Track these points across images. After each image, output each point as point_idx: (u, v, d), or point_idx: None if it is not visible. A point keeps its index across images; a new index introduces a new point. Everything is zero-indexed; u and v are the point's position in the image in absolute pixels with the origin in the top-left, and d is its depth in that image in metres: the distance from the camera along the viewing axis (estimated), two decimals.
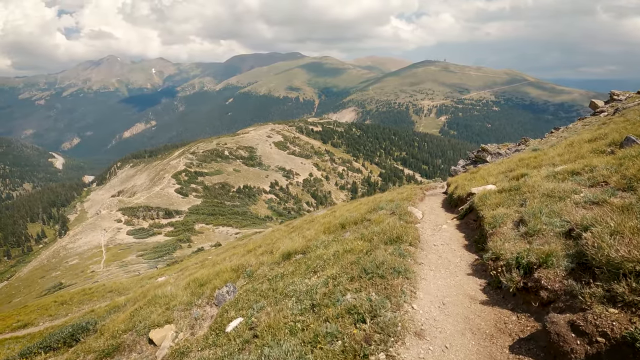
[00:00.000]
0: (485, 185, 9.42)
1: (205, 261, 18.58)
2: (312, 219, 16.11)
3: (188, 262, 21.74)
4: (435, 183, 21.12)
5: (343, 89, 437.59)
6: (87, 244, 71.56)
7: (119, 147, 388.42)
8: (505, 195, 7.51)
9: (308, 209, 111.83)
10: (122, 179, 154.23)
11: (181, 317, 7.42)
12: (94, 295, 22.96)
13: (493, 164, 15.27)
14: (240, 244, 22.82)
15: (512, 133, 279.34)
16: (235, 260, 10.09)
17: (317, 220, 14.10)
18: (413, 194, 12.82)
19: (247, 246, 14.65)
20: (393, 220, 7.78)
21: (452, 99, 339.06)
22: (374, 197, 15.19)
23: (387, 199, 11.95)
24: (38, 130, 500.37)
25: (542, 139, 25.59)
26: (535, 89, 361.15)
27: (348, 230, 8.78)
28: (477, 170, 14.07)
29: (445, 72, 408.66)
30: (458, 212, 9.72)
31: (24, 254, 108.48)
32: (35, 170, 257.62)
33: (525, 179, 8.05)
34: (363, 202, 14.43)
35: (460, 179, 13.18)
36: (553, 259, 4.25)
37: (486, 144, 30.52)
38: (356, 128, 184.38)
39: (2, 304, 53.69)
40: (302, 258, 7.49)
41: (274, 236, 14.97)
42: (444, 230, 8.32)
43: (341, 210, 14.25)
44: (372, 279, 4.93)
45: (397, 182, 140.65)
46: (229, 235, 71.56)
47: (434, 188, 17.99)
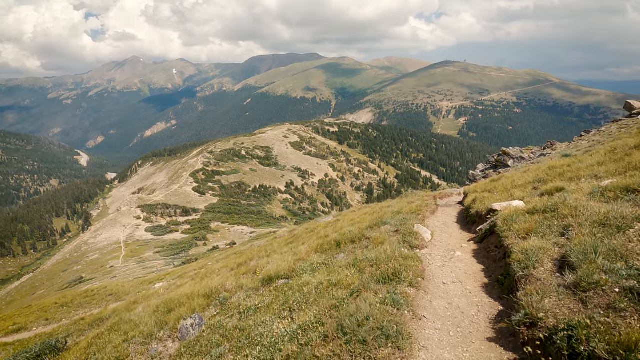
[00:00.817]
0: (510, 201, 7.79)
1: (202, 269, 18.10)
2: (314, 227, 15.13)
3: (188, 268, 21.69)
4: (451, 189, 19.72)
5: (360, 90, 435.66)
6: (108, 240, 73.64)
7: (141, 146, 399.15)
8: (539, 219, 5.79)
9: (323, 209, 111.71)
10: (142, 176, 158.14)
11: (137, 354, 6.50)
12: (95, 298, 22.70)
13: (517, 171, 13.55)
14: (241, 250, 22.34)
15: (533, 135, 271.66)
16: (218, 279, 9.00)
17: (317, 232, 13.14)
18: (424, 205, 11.44)
19: (240, 257, 13.85)
20: (392, 248, 6.44)
21: (472, 100, 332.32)
22: (380, 207, 13.81)
23: (394, 210, 10.74)
24: (65, 128, 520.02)
25: (571, 142, 23.79)
26: (559, 90, 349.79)
27: (343, 250, 7.78)
28: (499, 178, 12.47)
29: (464, 72, 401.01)
30: (476, 232, 8.17)
31: (49, 248, 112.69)
32: (61, 167, 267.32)
33: (564, 195, 6.39)
34: (368, 212, 13.36)
35: (479, 187, 11.78)
36: None
37: (508, 148, 28.52)
38: (373, 129, 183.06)
39: (26, 295, 55.88)
40: (283, 285, 6.61)
41: (270, 247, 14.06)
42: (457, 258, 6.82)
43: (344, 220, 13.31)
44: (350, 343, 3.63)
45: (413, 184, 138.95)
46: (244, 234, 72.21)
47: (449, 196, 16.51)
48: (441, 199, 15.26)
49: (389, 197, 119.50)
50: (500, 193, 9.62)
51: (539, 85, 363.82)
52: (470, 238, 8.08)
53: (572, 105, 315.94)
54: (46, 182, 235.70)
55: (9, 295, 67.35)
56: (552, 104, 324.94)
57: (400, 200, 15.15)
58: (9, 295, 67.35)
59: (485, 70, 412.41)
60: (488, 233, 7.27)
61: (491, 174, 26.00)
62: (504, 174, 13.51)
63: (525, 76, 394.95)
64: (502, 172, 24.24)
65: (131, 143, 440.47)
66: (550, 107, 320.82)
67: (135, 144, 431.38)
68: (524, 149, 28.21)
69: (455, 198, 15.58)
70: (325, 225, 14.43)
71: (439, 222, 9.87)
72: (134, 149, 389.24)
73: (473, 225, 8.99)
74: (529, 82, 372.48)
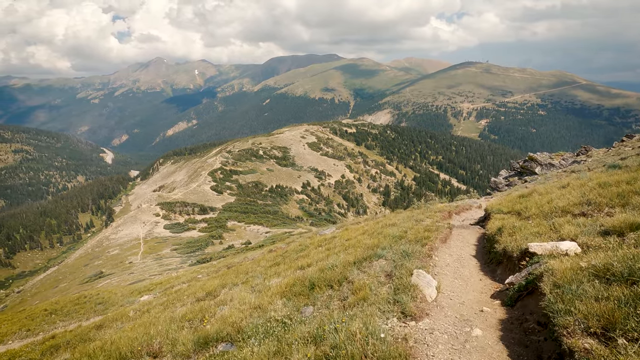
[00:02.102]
0: (556, 242, 5.38)
1: (190, 282, 16.76)
2: (308, 244, 13.92)
3: (177, 280, 20.98)
4: (470, 201, 16.82)
5: (378, 91, 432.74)
6: (128, 236, 75.82)
7: (163, 144, 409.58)
8: (620, 293, 3.27)
9: (339, 210, 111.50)
10: (163, 174, 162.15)
11: None
12: (84, 306, 21.97)
13: (550, 183, 11.26)
14: (233, 263, 20.34)
15: (558, 139, 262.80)
16: (163, 322, 7.58)
17: (306, 253, 11.75)
18: (434, 229, 9.39)
19: (217, 280, 13.00)
20: (369, 329, 4.12)
21: (494, 102, 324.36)
22: (383, 225, 11.80)
23: (396, 235, 9.00)
24: (92, 127, 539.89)
25: (610, 148, 21.95)
26: (586, 91, 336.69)
27: (316, 298, 6.05)
28: (529, 193, 9.90)
29: (486, 74, 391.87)
30: (502, 281, 6.04)
31: (74, 242, 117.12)
32: (88, 164, 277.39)
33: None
34: (368, 231, 11.61)
35: (505, 205, 9.59)
36: None
37: (533, 152, 26.02)
38: (391, 130, 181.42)
39: (49, 288, 58.17)
40: (220, 356, 4.92)
41: (255, 267, 13.16)
42: (474, 346, 4.10)
43: (341, 239, 11.85)
44: None
45: (431, 187, 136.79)
46: (259, 233, 72.90)
47: (467, 209, 14.04)
48: (457, 214, 13.23)
49: (405, 200, 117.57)
50: (536, 220, 7.21)
51: (565, 86, 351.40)
52: (496, 291, 5.75)
53: (600, 108, 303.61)
54: (73, 179, 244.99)
55: (34, 287, 70.34)
56: (579, 106, 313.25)
57: (409, 214, 13.26)
58: (34, 287, 70.34)
59: (508, 71, 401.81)
60: (524, 290, 4.84)
61: (516, 181, 23.94)
62: (535, 187, 10.97)
63: (550, 77, 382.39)
64: (528, 180, 21.61)
65: (154, 142, 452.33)
66: (577, 109, 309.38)
67: (158, 142, 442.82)
68: (553, 155, 25.83)
69: (475, 213, 13.52)
70: (318, 243, 13.05)
71: (452, 256, 7.68)
72: (157, 148, 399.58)
73: (498, 266, 6.78)
74: (555, 84, 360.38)
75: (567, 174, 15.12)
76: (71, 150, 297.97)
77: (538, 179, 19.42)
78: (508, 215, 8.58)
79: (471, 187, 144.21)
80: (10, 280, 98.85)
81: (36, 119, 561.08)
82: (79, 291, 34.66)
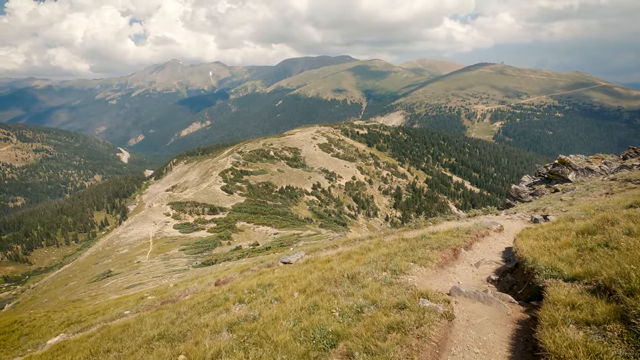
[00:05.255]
0: None
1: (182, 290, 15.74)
2: (290, 272, 9.95)
3: (172, 290, 20.07)
4: (486, 219, 12.17)
5: (390, 92, 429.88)
6: (138, 235, 76.82)
7: (177, 144, 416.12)
8: None
9: (349, 212, 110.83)
10: (176, 174, 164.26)
11: None
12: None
13: (611, 201, 7.96)
14: (218, 276, 17.11)
15: (576, 141, 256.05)
16: None
17: (296, 277, 9.00)
18: (430, 292, 5.69)
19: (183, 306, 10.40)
20: None
21: (509, 104, 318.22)
22: (374, 256, 8.69)
23: (369, 299, 5.83)
24: (109, 127, 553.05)
25: None
26: (605, 93, 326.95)
27: None
28: (599, 227, 5.91)
29: (501, 75, 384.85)
30: None
31: (89, 239, 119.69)
32: (104, 163, 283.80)
33: None
34: (356, 257, 9.32)
35: (557, 251, 5.48)
36: None
37: (567, 156, 21.85)
38: (403, 132, 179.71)
39: (59, 285, 59.24)
40: None
41: (228, 293, 9.92)
42: None
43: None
44: None
45: (444, 189, 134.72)
46: (268, 235, 72.88)
47: (483, 236, 9.53)
48: (468, 248, 8.69)
49: (417, 203, 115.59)
50: None
51: (583, 88, 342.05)
52: None
53: (620, 110, 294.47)
54: (90, 177, 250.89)
55: (45, 284, 71.84)
56: (597, 108, 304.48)
57: (386, 252, 8.88)
58: (45, 284, 71.84)
59: (524, 73, 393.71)
60: None
61: (543, 190, 20.19)
62: (605, 214, 6.54)
63: (567, 79, 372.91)
64: (560, 189, 17.37)
65: (168, 142, 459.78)
66: (595, 111, 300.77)
67: (172, 143, 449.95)
68: (591, 158, 21.85)
69: (494, 243, 9.18)
70: (306, 272, 9.33)
71: (463, 353, 4.38)
72: (171, 148, 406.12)
73: None
74: (572, 85, 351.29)
75: (618, 183, 11.33)
76: (89, 149, 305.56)
77: (575, 188, 15.76)
78: (575, 289, 4.22)
79: (485, 190, 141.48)
80: (27, 276, 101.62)
81: (56, 119, 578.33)
82: (85, 290, 35.08)
